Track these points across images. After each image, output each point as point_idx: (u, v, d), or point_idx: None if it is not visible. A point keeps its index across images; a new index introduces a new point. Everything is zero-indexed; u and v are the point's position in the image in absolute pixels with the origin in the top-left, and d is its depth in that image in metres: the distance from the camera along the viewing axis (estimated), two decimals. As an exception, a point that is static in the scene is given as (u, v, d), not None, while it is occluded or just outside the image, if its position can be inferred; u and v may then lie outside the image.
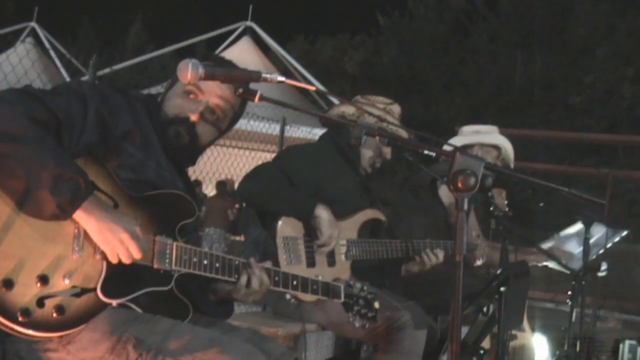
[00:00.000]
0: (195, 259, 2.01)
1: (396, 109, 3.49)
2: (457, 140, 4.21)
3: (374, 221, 3.39)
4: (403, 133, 3.38)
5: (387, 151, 3.45)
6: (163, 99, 2.25)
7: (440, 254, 3.40)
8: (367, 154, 3.42)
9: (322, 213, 3.03)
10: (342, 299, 2.36)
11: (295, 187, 3.09)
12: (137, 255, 1.85)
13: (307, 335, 3.19)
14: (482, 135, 4.21)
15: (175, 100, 2.22)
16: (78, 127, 1.90)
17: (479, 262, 3.88)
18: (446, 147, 3.54)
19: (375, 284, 3.20)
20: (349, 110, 3.42)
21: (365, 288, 2.41)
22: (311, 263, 3.07)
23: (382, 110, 3.43)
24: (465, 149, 4.10)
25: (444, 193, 3.99)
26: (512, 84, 23.24)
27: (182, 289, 2.05)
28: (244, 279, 2.13)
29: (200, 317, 2.16)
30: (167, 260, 1.97)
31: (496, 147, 4.17)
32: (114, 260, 1.84)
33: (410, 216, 3.93)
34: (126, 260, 1.84)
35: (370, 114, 3.32)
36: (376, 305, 2.39)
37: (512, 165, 4.26)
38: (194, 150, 2.29)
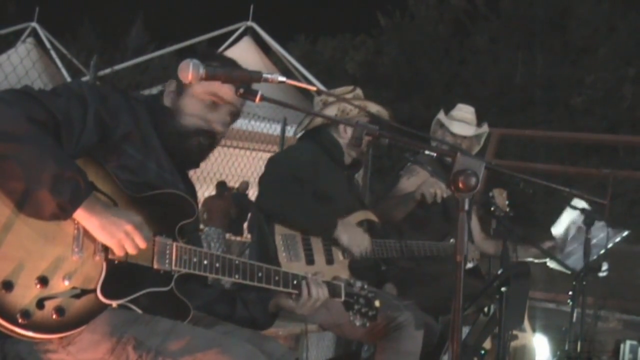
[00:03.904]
0: (195, 259, 2.02)
1: (360, 91, 3.50)
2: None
3: (367, 222, 3.41)
4: (383, 113, 3.40)
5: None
6: (177, 107, 2.19)
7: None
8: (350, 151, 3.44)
9: (341, 235, 3.13)
10: (343, 298, 2.35)
11: (306, 190, 3.15)
12: (142, 245, 1.86)
13: (308, 336, 3.19)
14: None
15: (196, 110, 2.18)
16: (77, 128, 1.89)
17: (470, 265, 3.89)
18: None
19: (372, 284, 3.21)
20: (330, 112, 3.41)
21: (365, 287, 2.41)
22: (310, 261, 3.09)
23: (354, 98, 3.43)
24: (432, 133, 4.14)
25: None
26: (513, 84, 23.25)
27: (183, 290, 2.05)
28: (305, 291, 2.21)
29: (201, 318, 2.17)
30: (167, 261, 1.97)
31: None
32: (121, 254, 1.84)
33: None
34: (132, 252, 1.85)
35: (352, 104, 3.33)
36: (377, 303, 2.39)
37: (456, 130, 4.12)
38: (204, 156, 2.29)
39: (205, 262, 2.03)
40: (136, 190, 1.98)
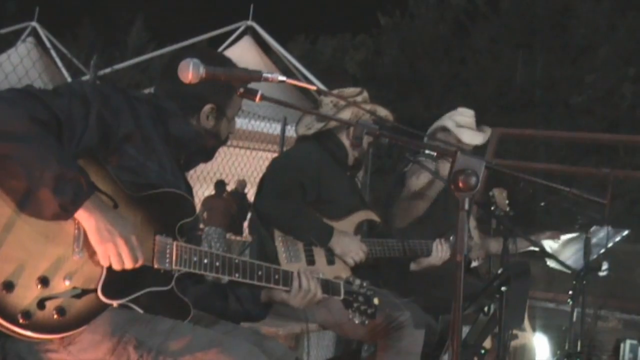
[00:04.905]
0: (195, 258, 2.01)
1: (366, 93, 3.51)
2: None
3: (369, 222, 3.41)
4: (390, 117, 3.40)
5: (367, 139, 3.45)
6: (214, 131, 2.28)
7: (448, 248, 3.41)
8: (353, 152, 3.43)
9: (335, 247, 3.13)
10: (342, 296, 2.36)
11: (308, 195, 3.16)
12: (128, 262, 1.83)
13: (309, 335, 3.19)
14: (441, 120, 4.19)
15: (229, 126, 2.32)
16: (79, 128, 1.89)
17: (475, 263, 3.89)
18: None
19: (373, 283, 3.21)
20: (344, 116, 3.40)
21: (364, 284, 2.41)
22: (311, 261, 3.09)
23: (363, 102, 3.43)
24: (431, 136, 4.09)
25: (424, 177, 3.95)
26: (513, 84, 23.25)
27: (184, 288, 2.05)
28: (295, 282, 2.22)
29: (201, 317, 2.17)
30: (167, 260, 1.96)
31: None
32: (105, 264, 1.82)
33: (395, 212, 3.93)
34: (116, 266, 1.82)
35: (365, 110, 3.33)
36: (375, 301, 2.39)
37: (467, 140, 4.11)
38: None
39: (206, 261, 2.03)
40: (137, 191, 1.98)
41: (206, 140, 2.27)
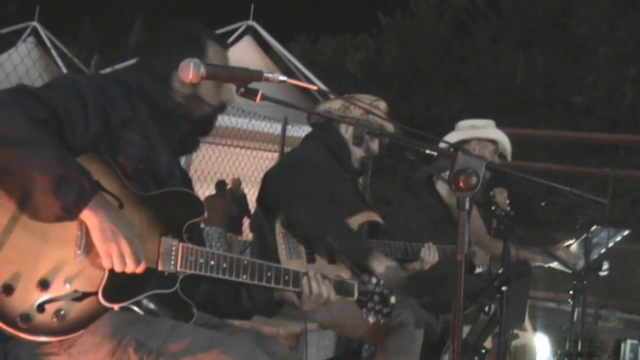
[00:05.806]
0: (201, 260, 1.98)
1: (382, 104, 3.50)
2: (454, 136, 4.21)
3: (371, 223, 3.40)
4: (389, 126, 3.40)
5: (375, 146, 3.45)
6: (194, 99, 2.18)
7: (436, 252, 3.38)
8: (357, 152, 3.42)
9: (377, 266, 3.07)
10: (355, 297, 2.31)
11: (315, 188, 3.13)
12: (130, 265, 1.82)
13: (309, 335, 3.18)
14: (478, 130, 4.21)
15: (212, 93, 2.20)
16: (80, 121, 1.87)
17: (479, 269, 3.88)
18: (442, 145, 3.56)
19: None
20: (334, 105, 3.42)
21: (381, 283, 2.34)
22: (311, 259, 3.08)
23: (368, 104, 3.43)
24: (461, 144, 4.10)
25: (443, 188, 3.98)
26: (514, 84, 23.21)
27: (187, 282, 2.03)
28: (306, 288, 2.18)
29: (207, 320, 2.15)
30: (172, 262, 1.94)
31: (493, 141, 4.17)
32: (107, 265, 1.81)
33: (408, 217, 3.92)
34: (118, 267, 1.81)
35: (356, 105, 3.32)
36: (392, 300, 2.33)
37: (509, 158, 4.26)
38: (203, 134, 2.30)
39: (212, 262, 2.00)
40: (139, 180, 1.96)
41: (192, 108, 2.18)
